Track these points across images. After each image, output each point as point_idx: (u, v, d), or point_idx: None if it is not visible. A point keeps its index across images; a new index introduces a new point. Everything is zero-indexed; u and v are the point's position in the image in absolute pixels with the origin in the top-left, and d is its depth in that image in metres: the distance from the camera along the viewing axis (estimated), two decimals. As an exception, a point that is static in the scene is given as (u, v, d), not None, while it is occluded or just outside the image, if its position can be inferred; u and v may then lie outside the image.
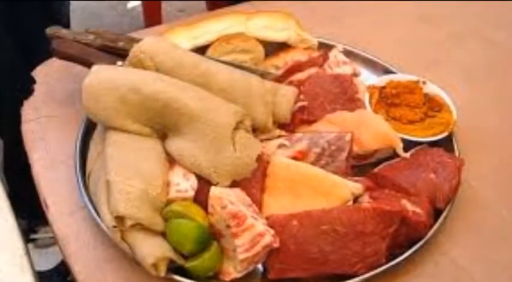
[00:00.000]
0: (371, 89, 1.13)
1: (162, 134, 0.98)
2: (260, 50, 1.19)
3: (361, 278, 0.89)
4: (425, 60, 1.32)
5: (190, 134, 0.95)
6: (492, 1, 1.51)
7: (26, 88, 1.20)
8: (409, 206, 0.94)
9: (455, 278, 0.95)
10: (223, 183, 0.93)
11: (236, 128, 0.95)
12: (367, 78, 1.19)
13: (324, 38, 1.26)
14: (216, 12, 1.37)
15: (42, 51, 1.16)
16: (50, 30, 1.13)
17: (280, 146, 1.01)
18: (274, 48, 1.22)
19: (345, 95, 1.11)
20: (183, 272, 0.88)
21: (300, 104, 1.08)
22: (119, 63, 1.07)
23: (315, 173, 0.96)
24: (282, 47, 1.21)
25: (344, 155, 0.99)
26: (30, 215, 1.63)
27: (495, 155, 1.14)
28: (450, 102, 1.13)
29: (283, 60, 1.19)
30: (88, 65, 1.05)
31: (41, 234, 1.81)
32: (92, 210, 0.94)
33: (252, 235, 0.86)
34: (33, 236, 1.81)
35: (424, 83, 1.15)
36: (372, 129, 1.04)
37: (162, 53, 1.03)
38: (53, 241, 1.66)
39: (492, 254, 0.98)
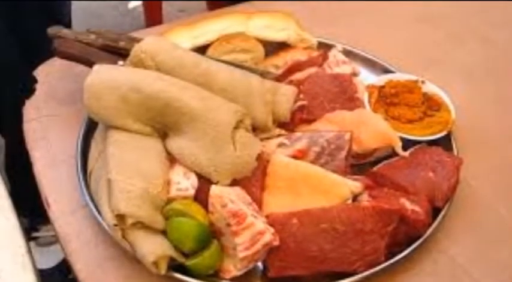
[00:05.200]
0: (370, 88, 1.14)
1: (163, 133, 0.98)
2: (260, 50, 1.19)
3: (360, 276, 0.90)
4: (424, 59, 1.32)
5: (191, 133, 0.95)
6: (491, 1, 1.51)
7: (28, 87, 1.20)
8: (408, 204, 0.94)
9: (453, 276, 0.95)
10: (223, 182, 0.93)
11: (236, 127, 0.95)
12: (367, 78, 1.19)
13: (324, 38, 1.26)
14: (216, 12, 1.37)
15: (44, 51, 1.17)
16: (52, 30, 1.13)
17: (280, 145, 1.01)
18: (274, 47, 1.22)
19: (344, 95, 1.11)
20: (184, 270, 0.88)
21: (299, 103, 1.08)
22: (120, 62, 1.07)
23: (315, 171, 0.97)
24: (282, 46, 1.22)
25: (343, 153, 1.00)
26: (32, 213, 1.63)
27: (494, 154, 1.14)
28: (449, 102, 1.13)
29: (283, 59, 1.19)
30: (89, 64, 1.05)
31: (42, 233, 1.81)
32: (93, 209, 0.94)
33: (252, 233, 0.87)
34: (34, 235, 1.81)
35: (423, 82, 1.15)
36: (371, 128, 1.04)
37: (163, 53, 1.03)
38: (55, 239, 1.66)
39: (491, 253, 0.99)
